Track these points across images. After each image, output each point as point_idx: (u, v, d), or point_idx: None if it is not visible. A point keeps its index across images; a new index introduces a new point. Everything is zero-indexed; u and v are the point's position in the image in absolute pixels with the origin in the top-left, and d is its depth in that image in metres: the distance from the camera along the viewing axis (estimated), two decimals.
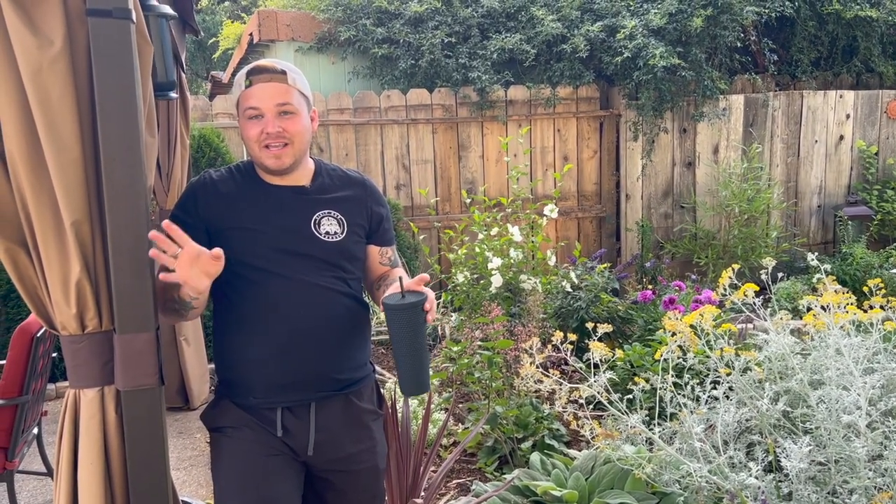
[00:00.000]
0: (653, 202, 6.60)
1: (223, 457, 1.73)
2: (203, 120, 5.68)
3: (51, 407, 4.29)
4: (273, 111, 1.69)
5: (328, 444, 1.77)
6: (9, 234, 1.45)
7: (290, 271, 1.70)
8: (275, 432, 1.72)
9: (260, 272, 1.70)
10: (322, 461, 1.78)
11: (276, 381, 1.71)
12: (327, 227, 1.77)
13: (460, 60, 6.18)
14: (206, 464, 3.62)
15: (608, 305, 4.40)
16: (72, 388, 1.52)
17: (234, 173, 1.79)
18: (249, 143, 1.72)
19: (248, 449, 1.71)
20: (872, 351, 2.40)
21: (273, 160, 1.71)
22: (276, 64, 1.73)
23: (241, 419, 1.73)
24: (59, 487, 1.51)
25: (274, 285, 1.70)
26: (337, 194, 1.83)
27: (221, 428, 1.75)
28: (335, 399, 1.78)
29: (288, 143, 1.71)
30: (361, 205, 1.85)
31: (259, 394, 1.72)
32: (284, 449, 1.74)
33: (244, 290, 1.71)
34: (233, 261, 1.69)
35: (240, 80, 1.74)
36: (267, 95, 1.69)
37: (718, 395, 2.42)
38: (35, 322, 2.75)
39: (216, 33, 10.58)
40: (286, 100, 1.70)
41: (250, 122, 1.71)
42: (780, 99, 6.70)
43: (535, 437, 3.32)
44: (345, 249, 1.78)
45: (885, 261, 6.08)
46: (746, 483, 2.15)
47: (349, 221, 1.81)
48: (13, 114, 1.39)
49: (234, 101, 1.77)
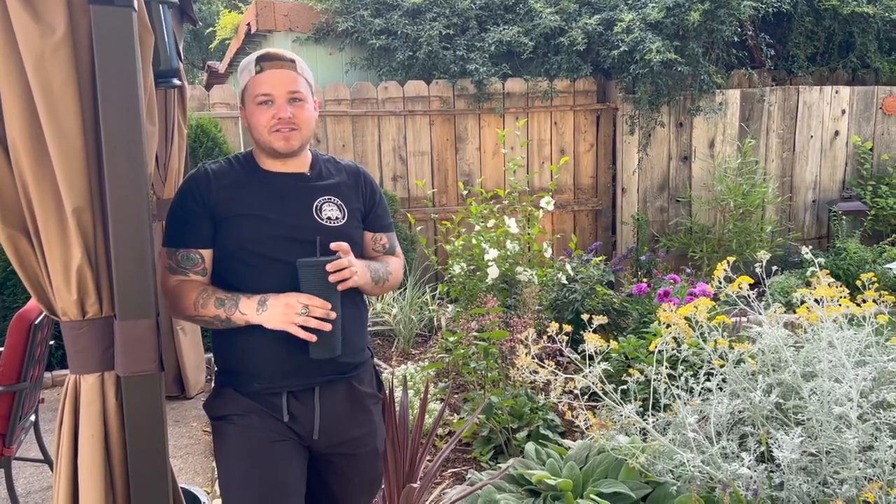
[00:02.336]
0: (648, 196, 6.62)
1: (229, 444, 1.74)
2: (200, 110, 5.67)
3: (47, 395, 4.30)
4: (284, 97, 1.72)
5: (333, 428, 1.80)
6: (10, 221, 1.46)
7: (292, 257, 1.71)
8: (281, 418, 1.74)
9: (263, 259, 1.72)
10: (326, 445, 1.81)
11: (280, 366, 1.73)
12: (329, 212, 1.80)
13: (458, 52, 6.18)
14: (202, 452, 3.64)
15: (603, 298, 4.43)
16: (72, 373, 1.52)
17: (234, 163, 1.81)
18: (258, 128, 1.74)
19: (255, 436, 1.72)
20: (864, 344, 2.42)
21: (283, 142, 1.73)
22: (284, 52, 1.77)
23: (246, 407, 1.74)
24: (59, 472, 1.52)
25: (277, 272, 1.71)
26: (335, 180, 1.86)
27: (227, 416, 1.76)
28: (338, 383, 1.80)
29: (296, 129, 1.74)
30: (357, 190, 1.89)
31: (264, 380, 1.74)
32: (290, 434, 1.76)
33: (248, 276, 1.73)
34: (237, 248, 1.72)
35: (248, 66, 1.75)
36: (279, 82, 1.72)
37: (712, 386, 2.45)
38: (33, 309, 2.76)
39: (213, 23, 10.54)
40: (296, 87, 1.74)
41: (260, 107, 1.73)
42: (777, 94, 6.72)
43: (530, 428, 3.35)
44: (346, 234, 1.81)
45: (879, 256, 6.12)
46: (739, 473, 2.17)
47: (348, 207, 1.84)
48: (15, 101, 1.39)
49: (239, 87, 1.78)
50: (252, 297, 1.67)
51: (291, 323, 1.63)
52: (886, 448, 2.11)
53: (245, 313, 1.66)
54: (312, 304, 1.63)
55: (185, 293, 1.71)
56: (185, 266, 1.73)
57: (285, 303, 1.63)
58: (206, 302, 1.68)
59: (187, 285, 1.72)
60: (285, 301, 1.63)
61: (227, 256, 1.74)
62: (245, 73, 1.76)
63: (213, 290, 1.71)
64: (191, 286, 1.72)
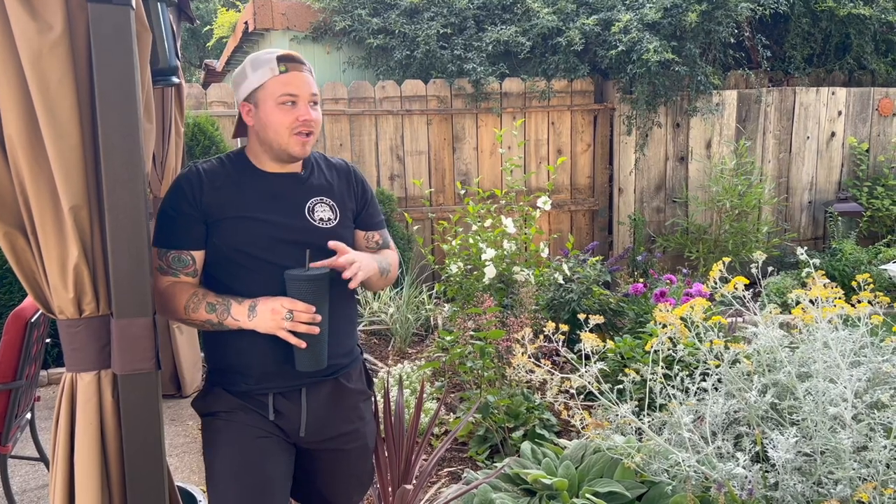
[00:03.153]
0: (645, 196, 6.63)
1: (217, 440, 1.75)
2: (197, 108, 5.66)
3: (43, 393, 4.29)
4: (307, 99, 1.73)
5: (319, 425, 1.80)
6: (7, 219, 1.46)
7: (284, 259, 1.72)
8: (267, 415, 1.75)
9: (255, 260, 1.72)
10: (313, 441, 1.82)
11: (268, 368, 1.74)
12: (321, 213, 1.79)
13: (455, 52, 6.18)
14: (198, 450, 3.63)
15: (600, 298, 4.43)
16: (69, 371, 1.53)
17: (226, 163, 1.80)
18: (277, 128, 1.71)
19: (241, 431, 1.73)
20: (859, 344, 2.43)
21: (300, 147, 1.73)
22: (301, 56, 1.77)
23: (233, 404, 1.76)
24: (56, 470, 1.52)
25: (268, 273, 1.71)
26: (326, 180, 1.86)
27: (215, 413, 1.77)
28: (325, 383, 1.81)
29: (312, 133, 1.75)
30: (350, 190, 1.89)
31: (251, 381, 1.75)
32: (276, 431, 1.77)
33: (240, 277, 1.73)
34: (230, 250, 1.71)
35: (268, 64, 1.72)
36: (303, 83, 1.72)
37: (707, 386, 2.46)
38: (29, 307, 2.76)
39: (210, 21, 10.53)
40: (316, 91, 1.76)
41: (283, 107, 1.71)
42: (773, 95, 6.73)
43: (525, 427, 3.35)
44: (338, 236, 1.80)
45: (874, 257, 6.14)
46: (734, 473, 2.18)
47: (340, 207, 1.84)
48: (13, 99, 1.39)
49: (250, 83, 1.74)
50: (243, 303, 1.67)
51: (280, 328, 1.63)
52: (881, 448, 2.12)
53: (237, 319, 1.66)
54: (297, 310, 1.63)
55: (176, 295, 1.70)
56: (176, 267, 1.72)
57: (271, 308, 1.63)
58: (196, 306, 1.68)
59: (178, 287, 1.71)
60: (271, 306, 1.64)
61: (220, 258, 1.74)
62: (263, 70, 1.72)
63: (204, 293, 1.70)
64: (182, 288, 1.71)
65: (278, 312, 1.63)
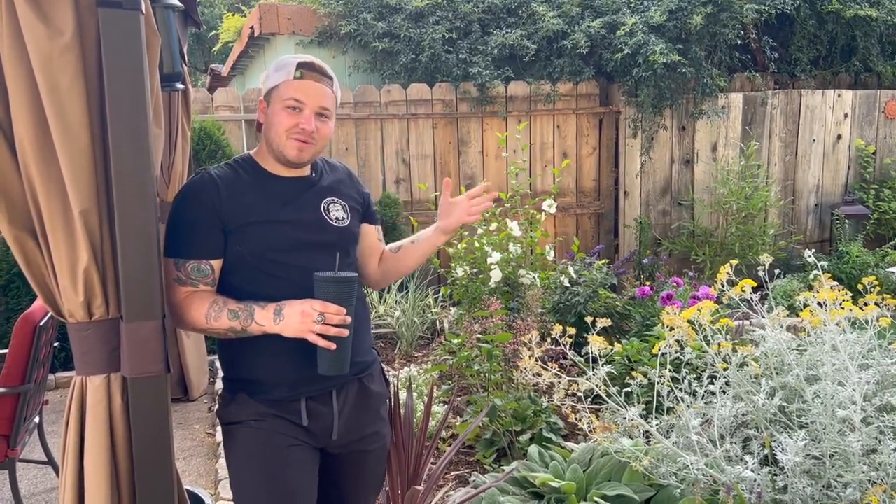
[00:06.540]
0: (651, 199, 6.62)
1: (243, 448, 1.73)
2: (204, 113, 5.68)
3: (51, 396, 4.31)
4: (314, 109, 1.72)
5: (349, 427, 1.80)
6: (18, 222, 1.47)
7: (307, 261, 1.70)
8: (300, 422, 1.72)
9: (279, 266, 1.70)
10: (342, 444, 1.81)
11: (301, 374, 1.71)
12: (335, 212, 1.81)
13: (461, 56, 6.19)
14: (205, 454, 3.64)
15: (606, 301, 4.43)
16: (78, 374, 1.53)
17: (238, 168, 1.78)
18: (277, 130, 1.71)
19: (270, 440, 1.70)
20: (867, 347, 2.42)
21: (295, 152, 1.72)
22: (326, 67, 1.77)
23: (261, 411, 1.72)
24: (66, 473, 1.53)
25: (291, 276, 1.69)
26: (333, 181, 1.87)
27: (242, 421, 1.74)
28: (351, 384, 1.81)
29: (312, 143, 1.73)
30: (353, 188, 1.92)
31: (282, 388, 1.72)
32: (306, 437, 1.75)
33: (264, 284, 1.70)
34: (254, 256, 1.69)
35: (286, 67, 1.72)
36: (314, 93, 1.72)
37: (715, 389, 2.45)
38: (38, 311, 2.77)
39: (216, 26, 10.57)
40: (327, 104, 1.75)
41: (286, 111, 1.71)
42: (779, 97, 6.72)
43: (533, 430, 3.34)
44: (351, 233, 1.82)
45: (881, 259, 6.12)
46: (742, 476, 2.17)
47: (349, 205, 1.86)
48: (23, 103, 1.40)
49: (268, 82, 1.74)
50: (267, 307, 1.64)
51: (309, 331, 1.60)
52: (890, 451, 2.11)
53: (262, 324, 1.63)
54: (328, 312, 1.60)
55: (196, 305, 1.66)
56: (196, 278, 1.68)
57: (301, 311, 1.60)
58: (218, 314, 1.64)
59: (197, 297, 1.67)
60: (300, 309, 1.60)
61: (243, 265, 1.70)
62: (282, 73, 1.72)
63: (224, 301, 1.66)
64: (201, 298, 1.67)
65: (309, 315, 1.59)
